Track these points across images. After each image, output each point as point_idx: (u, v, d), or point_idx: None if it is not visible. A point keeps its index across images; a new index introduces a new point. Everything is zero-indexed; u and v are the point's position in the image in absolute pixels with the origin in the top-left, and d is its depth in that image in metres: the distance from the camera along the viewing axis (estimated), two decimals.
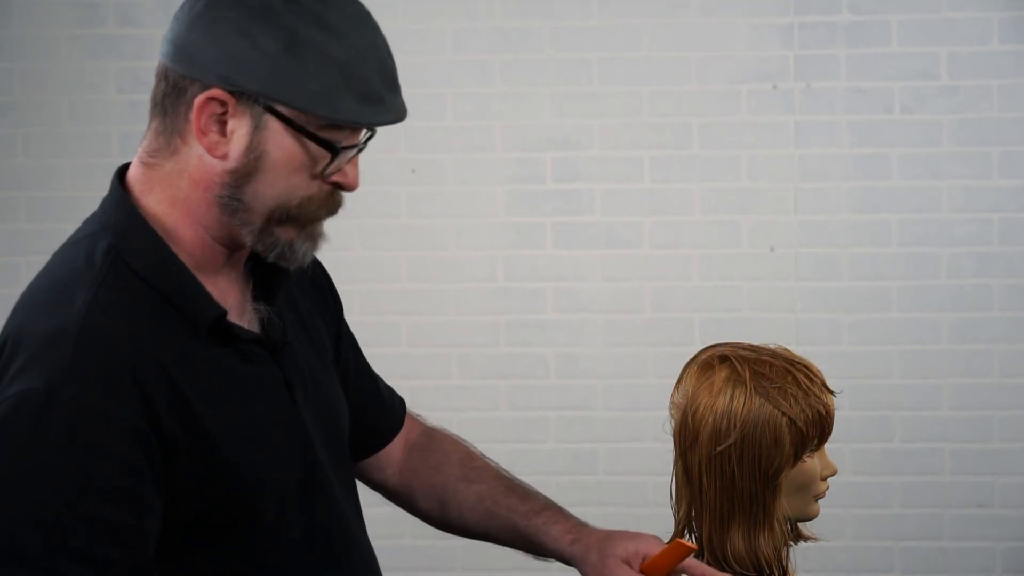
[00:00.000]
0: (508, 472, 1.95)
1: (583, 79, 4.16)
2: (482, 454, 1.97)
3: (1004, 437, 4.12)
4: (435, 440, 1.97)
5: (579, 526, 1.84)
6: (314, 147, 1.55)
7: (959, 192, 4.10)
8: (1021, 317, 4.11)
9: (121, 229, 1.58)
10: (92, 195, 4.35)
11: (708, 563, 1.81)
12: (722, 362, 1.82)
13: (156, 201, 1.59)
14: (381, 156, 3.95)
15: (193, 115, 1.54)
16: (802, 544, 1.90)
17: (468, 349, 4.20)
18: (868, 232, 4.12)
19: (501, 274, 4.19)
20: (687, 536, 1.84)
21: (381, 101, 1.56)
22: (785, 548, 1.83)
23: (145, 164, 1.60)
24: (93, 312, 1.51)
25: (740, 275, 4.15)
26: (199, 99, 1.53)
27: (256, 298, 1.68)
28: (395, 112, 1.57)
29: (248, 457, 1.58)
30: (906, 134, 4.11)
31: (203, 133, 1.54)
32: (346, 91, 1.53)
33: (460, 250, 4.19)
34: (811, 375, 1.81)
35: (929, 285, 4.12)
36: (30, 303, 1.56)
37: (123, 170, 1.64)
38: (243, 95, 1.53)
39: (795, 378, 1.80)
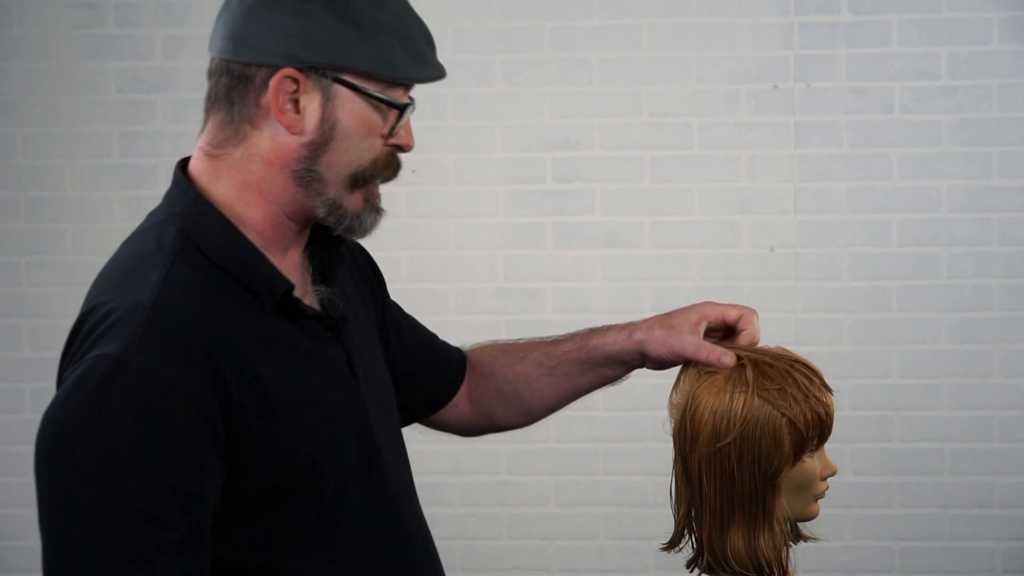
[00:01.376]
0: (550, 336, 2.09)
1: (583, 79, 4.16)
2: (517, 340, 2.12)
3: (1004, 437, 4.11)
4: (475, 355, 2.12)
5: (631, 324, 1.97)
6: (382, 108, 1.66)
7: (959, 192, 4.10)
8: (1021, 317, 4.11)
9: (189, 215, 1.65)
10: (92, 195, 4.35)
11: (708, 563, 1.81)
12: None
13: (225, 188, 1.67)
14: None
15: (269, 97, 1.62)
16: (802, 544, 1.90)
17: None
18: (868, 232, 4.12)
19: (501, 274, 4.19)
20: (686, 537, 1.84)
21: (428, 60, 1.67)
22: (785, 548, 1.82)
23: (210, 156, 1.67)
24: (166, 288, 1.58)
25: (740, 275, 4.15)
26: (275, 80, 1.62)
27: (315, 281, 1.76)
28: (440, 68, 1.69)
29: (311, 432, 1.63)
30: (906, 134, 4.10)
31: (281, 112, 1.63)
32: (402, 52, 1.65)
33: (460, 250, 4.19)
34: (811, 376, 1.81)
35: (929, 285, 4.11)
36: (105, 284, 1.63)
37: (183, 163, 1.71)
38: (312, 70, 1.62)
39: (795, 379, 1.79)
